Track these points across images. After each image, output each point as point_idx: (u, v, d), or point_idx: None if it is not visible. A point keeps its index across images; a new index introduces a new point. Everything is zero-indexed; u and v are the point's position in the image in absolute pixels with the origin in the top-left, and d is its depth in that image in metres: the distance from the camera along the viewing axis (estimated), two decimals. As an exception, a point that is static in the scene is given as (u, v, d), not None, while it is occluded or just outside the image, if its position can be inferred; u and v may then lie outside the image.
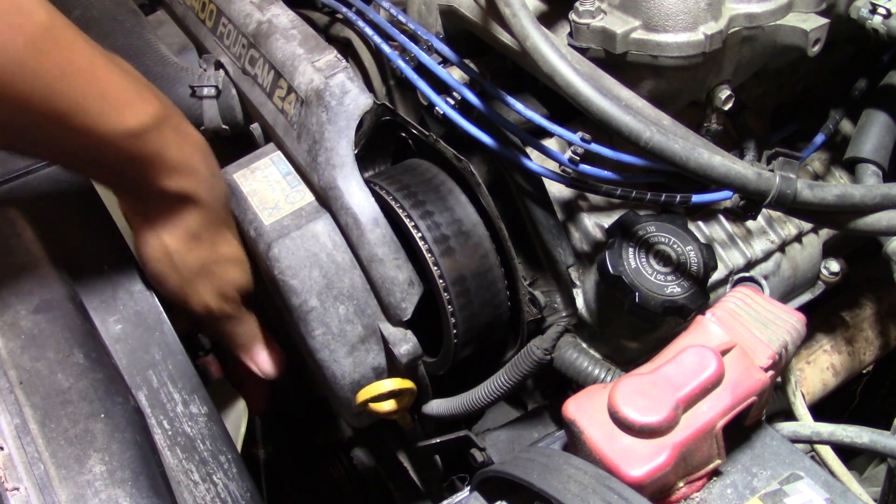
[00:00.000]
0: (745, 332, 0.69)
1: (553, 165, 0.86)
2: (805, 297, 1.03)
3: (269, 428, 1.32)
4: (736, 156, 0.82)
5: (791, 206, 0.73)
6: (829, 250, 1.04)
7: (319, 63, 0.92)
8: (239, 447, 0.99)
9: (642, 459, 0.61)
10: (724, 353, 0.66)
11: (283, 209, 0.90)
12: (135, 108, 0.76)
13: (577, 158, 0.81)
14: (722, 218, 0.95)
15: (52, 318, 0.82)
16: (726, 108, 0.87)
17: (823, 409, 1.14)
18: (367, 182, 0.88)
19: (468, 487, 0.71)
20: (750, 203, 0.77)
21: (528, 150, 0.88)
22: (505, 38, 0.85)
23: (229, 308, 0.93)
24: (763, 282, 0.87)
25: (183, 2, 1.14)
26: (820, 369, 1.13)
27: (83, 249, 0.94)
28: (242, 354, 0.99)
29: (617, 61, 0.82)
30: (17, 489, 0.70)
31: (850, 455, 1.11)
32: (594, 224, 0.90)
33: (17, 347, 0.79)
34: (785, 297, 1.00)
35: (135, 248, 0.89)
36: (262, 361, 0.99)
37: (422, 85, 0.89)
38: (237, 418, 1.06)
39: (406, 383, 0.89)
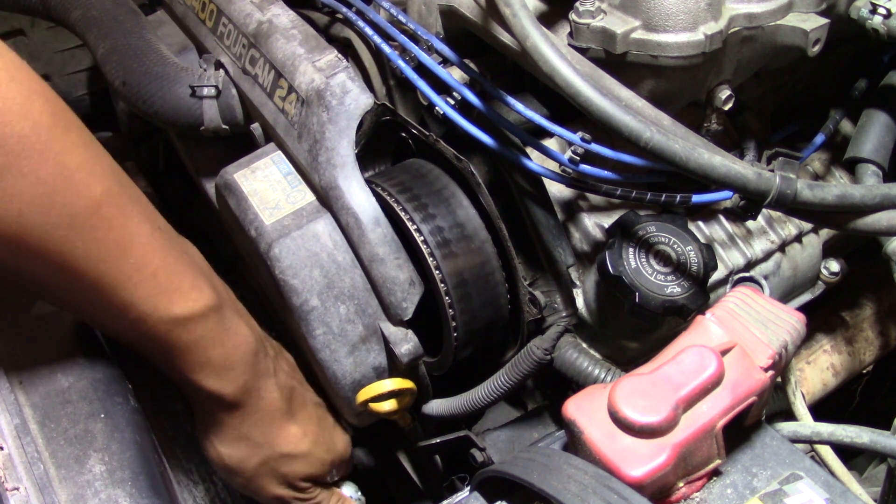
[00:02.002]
0: (745, 332, 0.69)
1: (553, 165, 0.86)
2: (805, 297, 1.03)
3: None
4: (736, 156, 0.82)
5: (791, 206, 0.73)
6: (829, 250, 1.04)
7: (320, 63, 0.92)
8: None
9: (642, 459, 0.61)
10: (724, 353, 0.66)
11: (284, 209, 0.90)
12: (185, 294, 0.73)
13: (577, 158, 0.81)
14: (722, 218, 0.95)
15: (53, 318, 0.82)
16: (726, 108, 0.87)
17: (823, 409, 1.14)
18: (368, 182, 0.88)
19: (468, 487, 0.71)
20: (750, 203, 0.77)
21: (528, 150, 0.88)
22: (505, 38, 0.85)
23: (300, 495, 0.90)
24: (763, 282, 0.87)
25: (183, 2, 1.14)
26: (820, 369, 1.13)
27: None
28: None
29: (617, 61, 0.82)
30: (17, 489, 0.70)
31: (850, 455, 1.11)
32: (594, 224, 0.90)
33: (17, 347, 0.79)
34: (785, 297, 1.00)
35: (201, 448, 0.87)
36: None
37: (422, 85, 0.89)
38: None
39: (406, 383, 0.89)
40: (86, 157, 0.66)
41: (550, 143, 0.90)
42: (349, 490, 0.98)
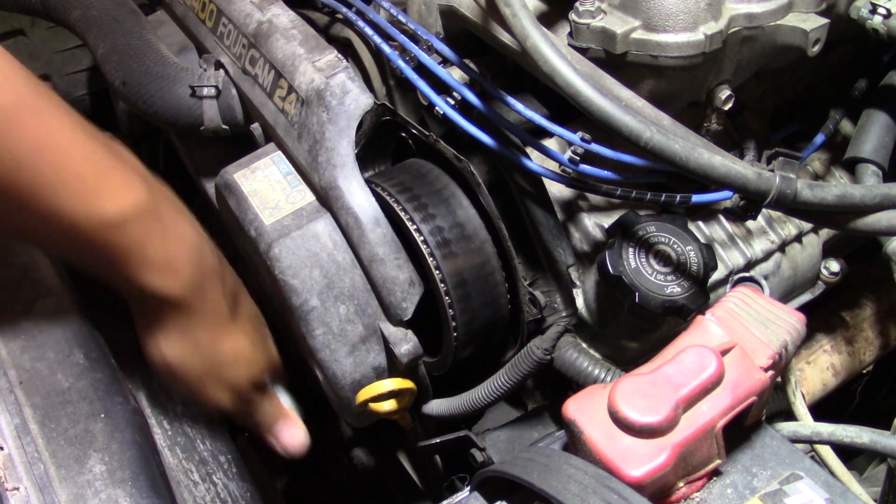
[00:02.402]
0: (745, 332, 0.69)
1: (553, 165, 0.86)
2: (805, 297, 1.03)
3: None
4: (736, 156, 0.82)
5: (791, 206, 0.73)
6: (829, 250, 1.04)
7: (320, 63, 0.92)
8: None
9: (642, 459, 0.61)
10: (724, 353, 0.66)
11: (284, 209, 0.90)
12: (115, 194, 0.69)
13: (577, 158, 0.81)
14: (722, 218, 0.95)
15: (52, 318, 0.82)
16: (726, 108, 0.87)
17: (823, 409, 1.14)
18: (368, 182, 0.88)
19: (468, 487, 0.71)
20: (750, 203, 0.77)
21: (528, 150, 0.88)
22: (505, 38, 0.85)
23: (244, 400, 0.88)
24: (763, 282, 0.87)
25: (183, 2, 1.14)
26: (820, 369, 1.13)
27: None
28: (266, 436, 0.94)
29: (617, 61, 0.82)
30: (17, 489, 0.70)
31: (850, 455, 1.11)
32: (594, 224, 0.90)
33: (17, 347, 0.79)
34: (785, 297, 1.00)
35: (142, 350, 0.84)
36: (285, 440, 0.94)
37: (422, 85, 0.89)
38: None
39: (406, 383, 0.89)
40: None
41: (550, 143, 0.90)
42: (283, 398, 0.96)
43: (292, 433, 0.93)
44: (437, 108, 0.88)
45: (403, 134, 0.93)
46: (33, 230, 0.71)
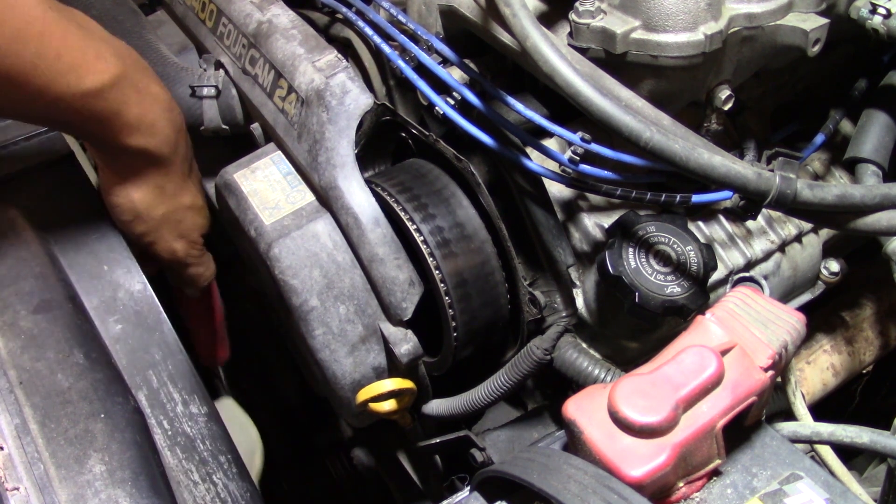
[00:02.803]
0: (745, 332, 0.69)
1: (553, 165, 0.86)
2: (805, 297, 1.03)
3: (270, 427, 1.32)
4: (736, 156, 0.82)
5: (791, 206, 0.73)
6: (829, 250, 1.04)
7: (320, 63, 0.92)
8: (256, 480, 1.03)
9: (642, 459, 0.61)
10: (724, 353, 0.66)
11: (284, 209, 0.90)
12: (92, 67, 0.76)
13: (577, 158, 0.81)
14: (722, 218, 0.95)
15: (52, 318, 0.82)
16: (726, 108, 0.87)
17: (823, 409, 1.14)
18: (368, 182, 0.88)
19: (468, 487, 0.71)
20: (750, 203, 0.77)
21: (528, 150, 0.88)
22: (505, 38, 0.85)
23: (194, 250, 0.97)
24: (763, 282, 0.87)
25: (183, 2, 1.14)
26: (820, 369, 1.13)
27: (84, 250, 0.94)
28: (195, 285, 1.04)
29: (617, 61, 0.82)
30: (17, 489, 0.70)
31: (850, 455, 1.11)
32: (594, 224, 0.90)
33: (17, 347, 0.79)
34: (785, 297, 1.00)
35: (102, 196, 0.92)
36: (216, 296, 1.06)
37: (422, 85, 0.89)
38: (251, 450, 1.08)
39: (406, 383, 0.89)
40: None
41: (550, 143, 0.90)
42: None
43: (210, 267, 1.04)
44: (437, 108, 0.88)
45: (403, 134, 0.93)
46: (23, 107, 0.78)
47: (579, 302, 0.89)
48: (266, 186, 0.92)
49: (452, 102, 0.88)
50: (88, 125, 0.80)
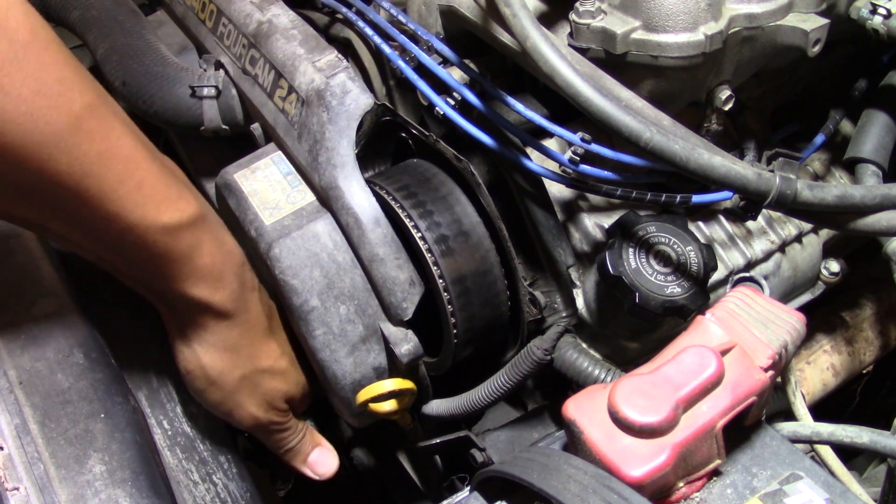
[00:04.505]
0: (745, 332, 0.69)
1: (553, 165, 0.86)
2: (805, 298, 1.03)
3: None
4: (736, 156, 0.82)
5: (791, 206, 0.73)
6: (829, 250, 1.04)
7: (320, 63, 0.92)
8: None
9: (642, 459, 0.61)
10: (724, 353, 0.66)
11: (284, 209, 0.90)
12: (172, 203, 0.73)
13: (577, 159, 0.81)
14: (722, 218, 0.95)
15: (52, 318, 0.82)
16: (726, 108, 0.87)
17: (823, 409, 1.14)
18: (368, 182, 0.88)
19: (468, 487, 0.71)
20: (750, 203, 0.77)
21: (528, 150, 0.88)
22: (505, 38, 0.85)
23: (278, 417, 0.90)
24: (763, 282, 0.87)
25: (183, 2, 1.14)
26: (820, 369, 1.13)
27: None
28: (296, 463, 0.96)
29: (617, 61, 0.82)
30: (17, 489, 0.70)
31: (850, 455, 1.11)
32: (594, 224, 0.90)
33: (17, 347, 0.79)
34: (785, 297, 1.00)
35: (176, 364, 0.86)
36: (316, 466, 0.96)
37: (422, 85, 0.89)
38: None
39: (406, 384, 0.89)
40: (66, 72, 0.66)
41: (550, 144, 0.90)
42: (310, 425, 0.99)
43: (326, 461, 0.96)
44: (437, 108, 0.88)
45: (403, 134, 0.93)
46: (92, 232, 0.74)
47: (579, 302, 0.89)
48: (266, 186, 0.92)
49: (452, 102, 0.88)
50: (155, 265, 0.75)
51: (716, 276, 0.89)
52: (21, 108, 0.62)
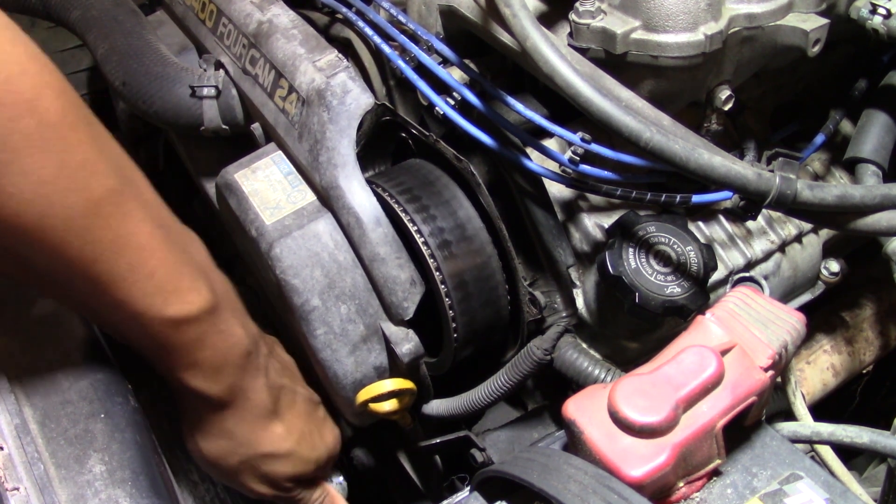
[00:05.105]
0: (745, 332, 0.69)
1: (553, 165, 0.86)
2: (805, 297, 1.03)
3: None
4: (736, 156, 0.82)
5: (791, 206, 0.73)
6: (829, 250, 1.04)
7: (320, 63, 0.92)
8: None
9: (642, 459, 0.61)
10: (724, 353, 0.66)
11: (285, 209, 0.90)
12: (182, 296, 0.71)
13: (577, 159, 0.81)
14: (722, 218, 0.95)
15: (52, 318, 0.82)
16: (726, 108, 0.87)
17: (823, 409, 1.14)
18: (368, 182, 0.88)
19: (468, 487, 0.71)
20: (750, 203, 0.77)
21: (528, 150, 0.88)
22: (505, 38, 0.85)
23: (284, 494, 0.89)
24: (763, 282, 0.87)
25: (183, 2, 1.14)
26: (820, 369, 1.13)
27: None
28: None
29: (617, 61, 0.82)
30: (17, 489, 0.70)
31: (850, 455, 1.11)
32: (594, 224, 0.90)
33: (17, 347, 0.79)
34: (785, 297, 1.00)
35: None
36: None
37: (422, 85, 0.89)
38: None
39: (407, 383, 0.89)
40: (90, 155, 0.64)
41: (550, 143, 0.90)
42: (333, 477, 0.97)
43: None
44: (437, 108, 0.88)
45: (403, 134, 0.93)
46: (100, 314, 0.74)
47: (579, 302, 0.89)
48: (267, 186, 0.92)
49: (452, 102, 0.88)
50: (157, 351, 0.74)
51: (716, 276, 0.89)
52: (40, 191, 0.61)
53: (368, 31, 0.97)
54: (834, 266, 1.02)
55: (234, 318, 0.78)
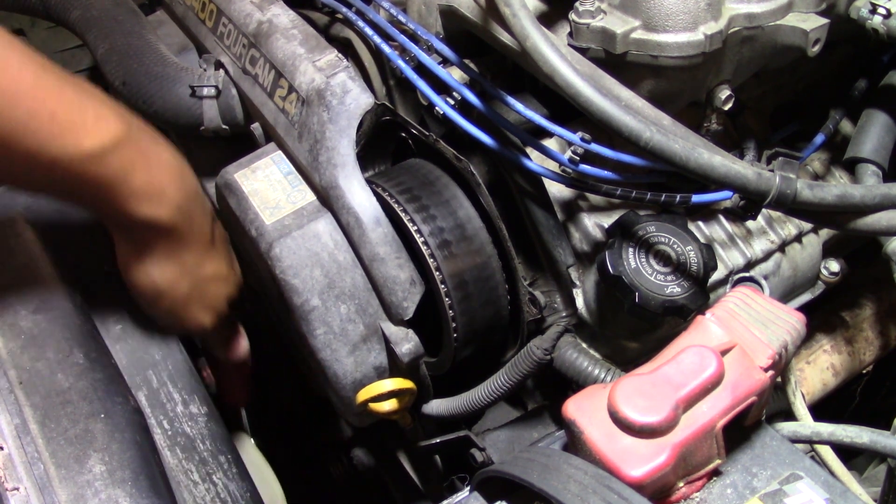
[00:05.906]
0: (745, 332, 0.69)
1: (553, 165, 0.86)
2: (805, 297, 1.03)
3: (270, 427, 1.32)
4: (736, 156, 0.82)
5: (791, 206, 0.73)
6: (829, 250, 1.04)
7: (320, 62, 0.92)
8: None
9: (642, 459, 0.61)
10: (724, 353, 0.66)
11: (285, 209, 0.90)
12: (91, 129, 0.71)
13: (577, 158, 0.81)
14: (722, 218, 0.95)
15: (52, 318, 0.82)
16: (726, 108, 0.87)
17: (823, 409, 1.14)
18: (368, 182, 0.88)
19: (468, 487, 0.71)
20: (750, 203, 0.77)
21: (528, 150, 0.88)
22: (505, 38, 0.85)
23: (221, 318, 0.93)
24: (763, 282, 0.87)
25: (183, 2, 1.14)
26: (820, 369, 1.13)
27: (83, 250, 0.94)
28: (228, 352, 1.01)
29: (617, 61, 0.82)
30: (17, 489, 0.70)
31: (850, 455, 1.11)
32: (594, 224, 0.90)
33: (17, 347, 0.79)
34: (785, 297, 1.00)
35: (123, 276, 0.87)
36: (239, 352, 1.02)
37: (422, 85, 0.89)
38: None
39: (406, 383, 0.89)
40: None
41: (550, 143, 0.90)
42: None
43: (243, 344, 1.01)
44: (437, 108, 0.88)
45: (403, 134, 0.93)
46: (18, 173, 0.73)
47: (579, 302, 0.89)
48: (267, 186, 0.92)
49: (452, 102, 0.88)
50: (92, 192, 0.74)
51: (716, 276, 0.89)
52: None
53: (368, 30, 0.97)
54: (834, 266, 1.02)
55: (156, 142, 0.79)
